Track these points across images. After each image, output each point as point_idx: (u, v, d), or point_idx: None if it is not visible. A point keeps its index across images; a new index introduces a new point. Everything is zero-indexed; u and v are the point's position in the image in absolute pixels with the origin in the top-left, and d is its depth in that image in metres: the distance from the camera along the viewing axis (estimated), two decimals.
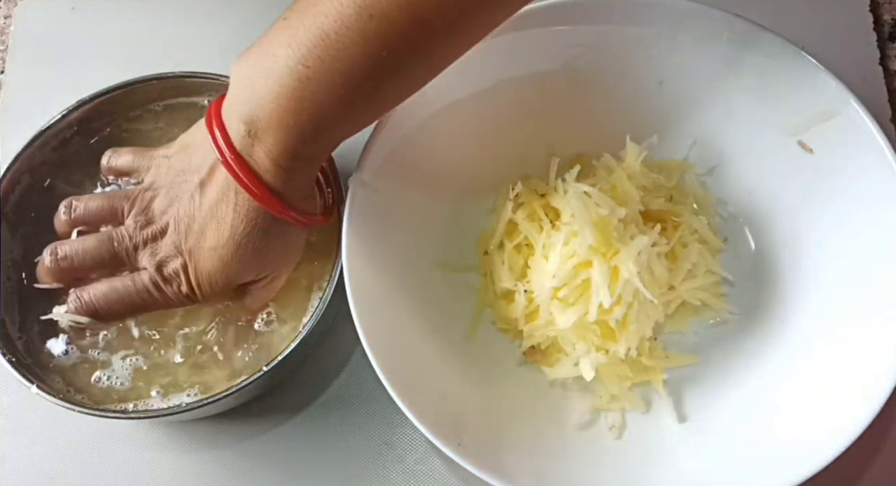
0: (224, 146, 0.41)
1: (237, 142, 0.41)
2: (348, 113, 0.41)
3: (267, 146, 0.41)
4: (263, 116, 0.40)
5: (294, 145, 0.41)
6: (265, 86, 0.39)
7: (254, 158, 0.41)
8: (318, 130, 0.40)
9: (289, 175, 0.42)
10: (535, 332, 0.50)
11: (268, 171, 0.41)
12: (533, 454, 0.46)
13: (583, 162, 0.53)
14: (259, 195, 0.42)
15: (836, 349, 0.46)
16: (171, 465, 0.51)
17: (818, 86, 0.49)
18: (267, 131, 0.40)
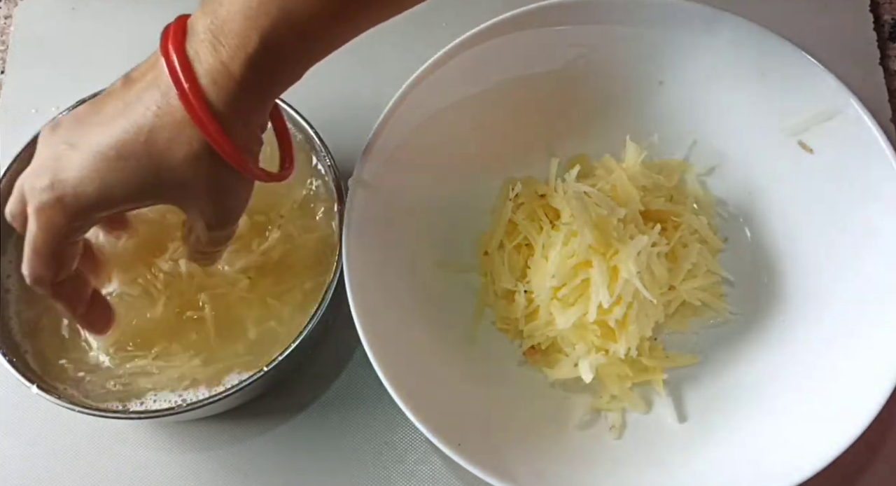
0: (171, 43, 0.35)
1: (190, 40, 0.35)
2: (321, 14, 0.35)
3: (220, 39, 0.35)
4: (227, 4, 0.35)
5: (253, 41, 0.34)
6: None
7: (200, 58, 0.35)
8: (287, 27, 0.34)
9: (237, 92, 0.35)
10: (535, 332, 0.50)
11: (210, 73, 0.35)
12: (533, 454, 0.46)
13: (583, 162, 0.53)
14: (189, 95, 0.35)
15: (836, 349, 0.46)
16: (171, 465, 0.51)
17: (818, 86, 0.49)
18: (226, 20, 0.34)
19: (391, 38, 0.60)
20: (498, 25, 0.49)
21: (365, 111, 0.51)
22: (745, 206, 0.54)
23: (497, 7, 0.50)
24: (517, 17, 0.50)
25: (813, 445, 0.43)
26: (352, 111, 0.50)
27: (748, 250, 0.53)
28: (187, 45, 0.35)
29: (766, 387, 0.48)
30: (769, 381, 0.48)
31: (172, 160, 0.36)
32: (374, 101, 0.58)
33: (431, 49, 0.49)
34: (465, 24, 0.49)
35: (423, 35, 0.58)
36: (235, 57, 0.35)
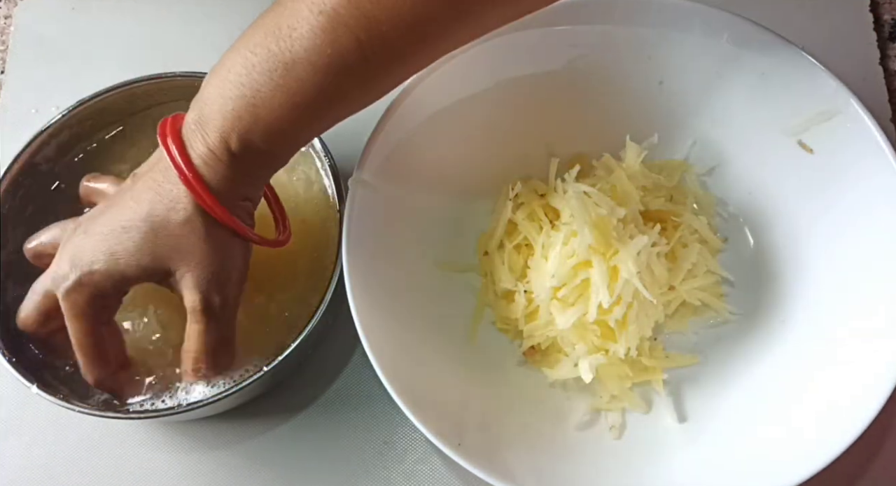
0: (168, 132, 0.40)
1: (185, 129, 0.41)
2: (290, 113, 0.39)
3: (206, 132, 0.40)
4: (209, 103, 0.39)
5: (229, 133, 0.39)
6: (215, 74, 0.39)
7: (192, 146, 0.40)
8: (257, 125, 0.39)
9: (226, 171, 0.40)
10: (535, 332, 0.50)
11: (201, 156, 0.40)
12: (533, 454, 0.46)
13: (583, 162, 0.53)
14: (183, 167, 0.40)
15: (836, 349, 0.46)
16: (171, 465, 0.51)
17: (818, 86, 0.49)
18: (210, 118, 0.39)
19: None
20: None
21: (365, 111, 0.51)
22: (745, 206, 0.54)
23: None
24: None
25: (813, 445, 0.43)
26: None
27: (748, 250, 0.53)
28: (183, 131, 0.41)
29: (765, 387, 0.48)
30: (769, 381, 0.48)
31: (170, 225, 0.41)
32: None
33: None
34: None
35: None
36: (220, 146, 0.40)
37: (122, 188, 0.44)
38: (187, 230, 0.41)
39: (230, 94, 0.38)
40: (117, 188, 0.45)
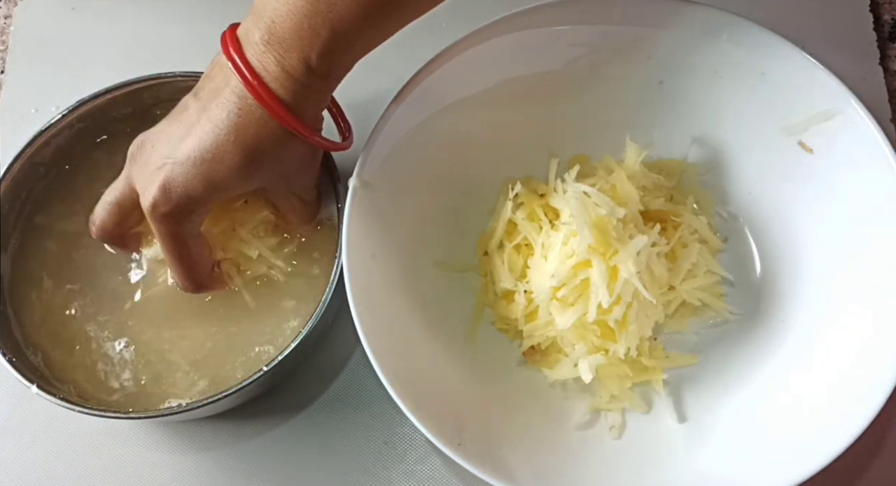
0: (235, 54, 0.41)
1: (250, 50, 0.41)
2: (365, 23, 0.40)
3: (281, 53, 0.40)
4: (279, 22, 0.39)
5: (309, 54, 0.40)
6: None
7: (266, 69, 0.40)
8: (335, 40, 0.40)
9: (301, 90, 0.41)
10: (535, 332, 0.50)
11: (277, 79, 0.41)
12: (533, 454, 0.46)
13: (583, 162, 0.53)
14: (266, 98, 0.40)
15: (836, 349, 0.46)
16: (171, 465, 0.51)
17: (818, 86, 0.49)
18: (283, 38, 0.39)
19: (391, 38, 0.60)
20: (498, 25, 0.49)
21: (365, 111, 0.51)
22: (745, 206, 0.54)
23: (497, 7, 0.50)
24: (517, 17, 0.50)
25: (813, 445, 0.43)
26: (352, 111, 0.50)
27: (748, 250, 0.53)
28: (247, 54, 0.41)
29: (765, 387, 0.48)
30: (769, 381, 0.48)
31: (263, 147, 0.42)
32: (375, 100, 0.58)
33: (431, 49, 0.49)
34: (465, 24, 0.49)
35: (423, 35, 0.58)
36: (299, 68, 0.40)
37: (185, 106, 0.44)
38: (279, 151, 0.43)
39: (303, 10, 0.38)
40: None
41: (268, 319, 0.50)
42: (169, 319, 0.50)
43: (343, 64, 0.42)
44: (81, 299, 0.50)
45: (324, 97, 0.44)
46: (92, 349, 0.49)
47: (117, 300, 0.50)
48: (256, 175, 0.44)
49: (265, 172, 0.44)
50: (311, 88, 0.41)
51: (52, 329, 0.49)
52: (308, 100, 0.42)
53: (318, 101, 0.43)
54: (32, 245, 0.51)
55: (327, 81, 0.42)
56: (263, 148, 0.42)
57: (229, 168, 0.42)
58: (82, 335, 0.49)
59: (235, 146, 0.42)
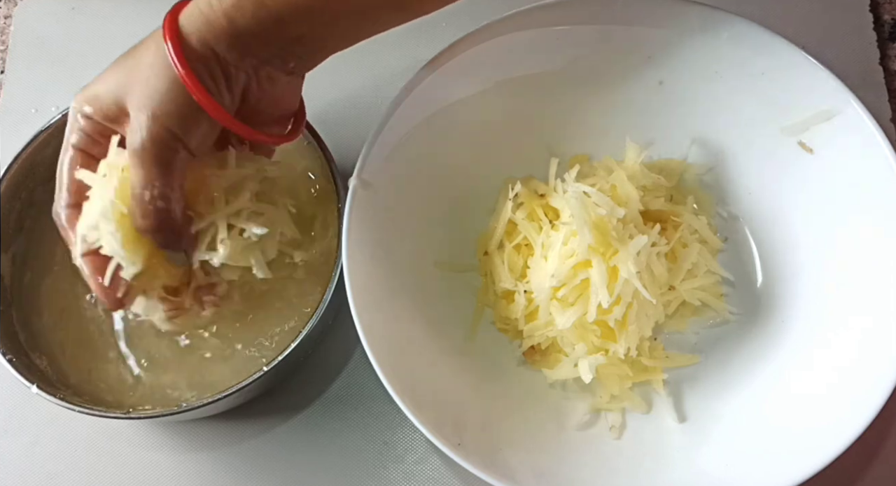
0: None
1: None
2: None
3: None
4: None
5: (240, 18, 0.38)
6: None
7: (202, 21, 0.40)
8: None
9: (212, 15, 0.39)
10: (535, 332, 0.50)
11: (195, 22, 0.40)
12: (533, 454, 0.46)
13: (583, 162, 0.53)
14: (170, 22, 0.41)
15: (836, 349, 0.46)
16: (171, 465, 0.51)
17: (818, 86, 0.49)
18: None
19: (391, 38, 0.59)
20: (498, 25, 0.49)
21: (365, 111, 0.51)
22: (745, 206, 0.54)
23: (497, 7, 0.50)
24: (517, 17, 0.50)
25: (813, 445, 0.43)
26: (352, 111, 0.50)
27: (748, 250, 0.53)
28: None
29: (765, 387, 0.48)
30: (769, 381, 0.48)
31: (138, 56, 0.42)
32: (374, 101, 0.58)
33: (431, 49, 0.49)
34: (464, 24, 0.49)
35: (422, 35, 0.58)
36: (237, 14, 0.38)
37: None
38: (148, 67, 0.41)
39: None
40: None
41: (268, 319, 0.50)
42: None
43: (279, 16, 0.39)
44: (82, 299, 0.50)
45: (248, 52, 0.40)
46: (92, 349, 0.49)
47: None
48: (125, 83, 0.43)
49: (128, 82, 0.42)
50: (226, 25, 0.39)
51: (52, 329, 0.49)
52: (217, 37, 0.39)
53: (237, 50, 0.40)
54: (32, 245, 0.51)
55: (255, 30, 0.39)
56: (139, 56, 0.42)
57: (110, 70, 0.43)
58: (82, 335, 0.49)
59: (132, 54, 0.43)
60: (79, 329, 0.50)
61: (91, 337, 0.49)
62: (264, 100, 0.42)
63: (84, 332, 0.50)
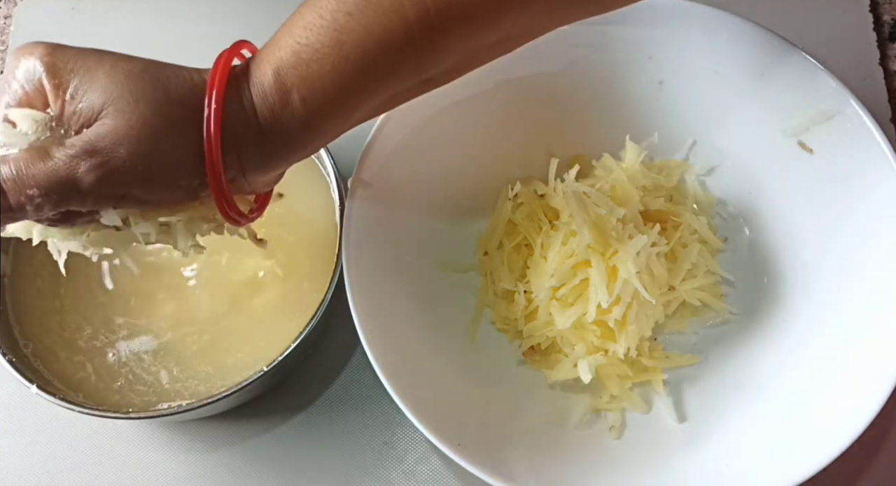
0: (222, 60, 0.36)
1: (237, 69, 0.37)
2: (337, 73, 0.36)
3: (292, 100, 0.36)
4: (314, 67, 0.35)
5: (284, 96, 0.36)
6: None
7: (242, 86, 0.36)
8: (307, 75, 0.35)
9: (251, 118, 0.36)
10: (535, 332, 0.50)
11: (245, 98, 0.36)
12: (533, 454, 0.46)
13: (582, 162, 0.53)
14: (214, 81, 0.35)
15: (836, 349, 0.46)
16: (171, 465, 0.51)
17: (818, 86, 0.49)
18: (314, 84, 0.36)
19: None
20: None
21: None
22: (745, 206, 0.54)
23: None
24: None
25: (813, 445, 0.43)
26: None
27: (748, 250, 0.53)
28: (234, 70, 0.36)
29: (765, 387, 0.48)
30: (769, 381, 0.48)
31: (161, 84, 0.36)
32: None
33: None
34: None
35: None
36: (273, 91, 0.36)
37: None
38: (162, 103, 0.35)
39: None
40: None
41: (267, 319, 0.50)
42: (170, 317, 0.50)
43: (307, 118, 0.37)
44: (82, 299, 0.50)
45: (266, 158, 0.38)
46: (92, 349, 0.49)
47: (118, 300, 0.50)
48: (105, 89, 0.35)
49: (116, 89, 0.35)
50: (264, 131, 0.36)
51: (52, 329, 0.49)
52: (249, 142, 0.36)
53: (259, 157, 0.37)
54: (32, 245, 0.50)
55: (284, 133, 0.37)
56: (166, 87, 0.36)
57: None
58: (83, 335, 0.49)
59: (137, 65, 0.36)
60: (78, 329, 0.50)
61: (90, 336, 0.49)
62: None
63: (83, 331, 0.50)
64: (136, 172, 0.35)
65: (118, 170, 0.34)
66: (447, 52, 0.37)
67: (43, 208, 0.35)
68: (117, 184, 0.35)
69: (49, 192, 0.34)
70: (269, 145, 0.37)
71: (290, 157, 0.38)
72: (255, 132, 0.36)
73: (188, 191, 0.37)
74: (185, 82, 0.36)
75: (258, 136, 0.37)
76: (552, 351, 0.50)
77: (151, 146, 0.35)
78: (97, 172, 0.34)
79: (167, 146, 0.35)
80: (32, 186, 0.34)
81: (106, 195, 0.35)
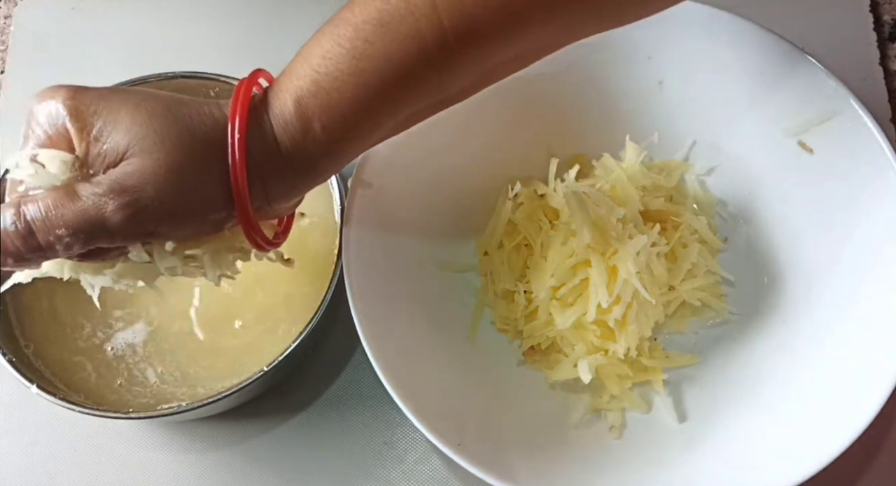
0: (241, 94, 0.36)
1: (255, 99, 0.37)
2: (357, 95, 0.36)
3: (317, 127, 0.36)
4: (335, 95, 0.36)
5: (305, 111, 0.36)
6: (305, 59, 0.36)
7: (261, 111, 0.36)
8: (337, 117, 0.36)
9: (272, 147, 0.37)
10: (535, 332, 0.50)
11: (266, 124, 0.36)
12: (533, 454, 0.46)
13: (582, 162, 0.53)
14: (235, 116, 0.35)
15: (836, 349, 0.46)
16: (171, 465, 0.51)
17: (818, 86, 0.49)
18: (333, 110, 0.36)
19: None
20: None
21: None
22: (745, 206, 0.54)
23: None
24: None
25: (813, 445, 0.43)
26: None
27: (748, 250, 0.53)
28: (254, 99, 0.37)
29: (765, 387, 0.48)
30: (769, 381, 0.48)
31: (186, 121, 0.36)
32: None
33: None
34: None
35: None
36: (293, 120, 0.36)
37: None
38: (197, 143, 0.36)
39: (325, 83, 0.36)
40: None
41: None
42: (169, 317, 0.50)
43: (330, 140, 0.37)
44: (82, 299, 0.50)
45: (289, 184, 0.38)
46: (91, 347, 0.49)
47: (117, 300, 0.50)
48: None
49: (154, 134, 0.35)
50: (285, 157, 0.37)
51: (52, 328, 0.49)
52: (271, 169, 0.37)
53: (282, 183, 0.38)
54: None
55: (305, 159, 0.37)
56: (191, 123, 0.36)
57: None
58: (82, 334, 0.49)
59: (162, 103, 0.36)
60: (77, 327, 0.50)
61: (89, 334, 0.49)
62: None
63: (82, 330, 0.50)
64: (163, 209, 0.35)
65: (146, 208, 0.35)
66: (465, 71, 0.38)
67: (72, 247, 0.35)
68: (145, 222, 0.35)
69: (78, 231, 0.35)
70: (292, 173, 0.38)
71: (312, 182, 0.39)
72: (278, 161, 0.37)
73: (215, 224, 0.38)
74: (207, 119, 0.36)
75: (281, 164, 0.37)
76: (552, 351, 0.50)
77: (178, 184, 0.35)
78: (125, 210, 0.35)
79: (194, 183, 0.36)
80: (61, 226, 0.34)
81: (134, 233, 0.36)
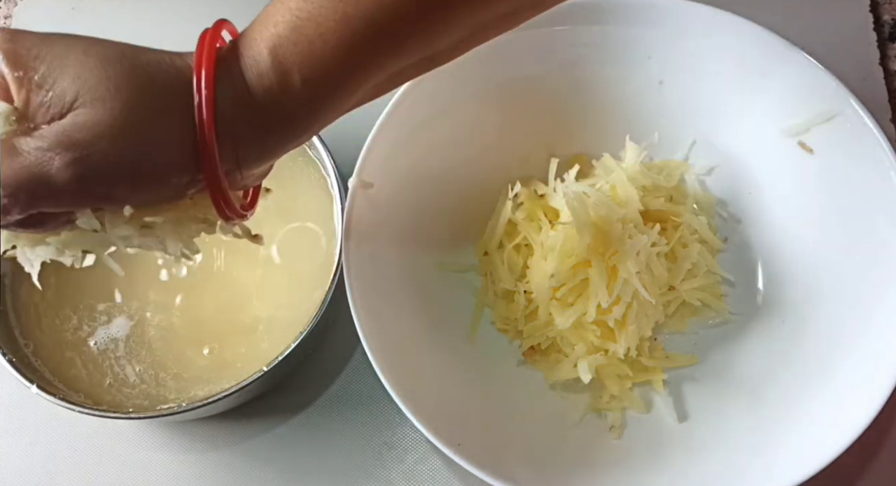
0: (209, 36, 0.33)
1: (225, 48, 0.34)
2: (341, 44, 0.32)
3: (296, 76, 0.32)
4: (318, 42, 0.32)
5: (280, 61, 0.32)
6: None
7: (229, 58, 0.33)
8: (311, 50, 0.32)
9: (245, 97, 0.32)
10: (535, 332, 0.50)
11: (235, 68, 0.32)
12: (533, 454, 0.46)
13: (582, 162, 0.53)
14: (201, 63, 0.32)
15: (836, 350, 0.46)
16: (171, 465, 0.51)
17: (818, 86, 0.49)
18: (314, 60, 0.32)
19: None
20: None
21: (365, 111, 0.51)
22: (745, 206, 0.54)
23: None
24: None
25: (813, 445, 0.43)
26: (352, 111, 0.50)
27: (748, 250, 0.53)
28: (223, 49, 0.33)
29: (765, 387, 0.48)
30: (769, 381, 0.48)
31: (142, 68, 0.32)
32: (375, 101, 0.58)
33: None
34: None
35: None
36: (268, 68, 0.32)
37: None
38: (159, 98, 0.31)
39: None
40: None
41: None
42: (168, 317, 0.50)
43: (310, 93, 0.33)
44: (81, 299, 0.50)
45: (258, 144, 0.34)
46: (92, 348, 0.49)
47: (117, 300, 0.50)
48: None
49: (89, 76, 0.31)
50: (258, 110, 0.33)
51: (52, 329, 0.49)
52: (240, 122, 0.32)
53: (252, 141, 0.33)
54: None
55: (280, 114, 0.33)
56: (149, 71, 0.31)
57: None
58: (82, 334, 0.49)
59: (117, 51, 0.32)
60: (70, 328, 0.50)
61: (89, 337, 0.50)
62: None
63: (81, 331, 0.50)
64: (120, 168, 0.30)
65: (98, 166, 0.30)
66: (456, 23, 0.34)
67: (11, 212, 0.30)
68: (97, 182, 0.30)
69: (17, 192, 0.30)
70: (266, 133, 0.33)
71: (288, 144, 0.35)
72: (251, 119, 0.32)
73: (177, 189, 0.33)
74: (169, 67, 0.32)
75: (255, 123, 0.33)
76: (552, 351, 0.50)
77: (137, 139, 0.30)
78: (75, 168, 0.30)
79: (155, 137, 0.31)
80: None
81: (84, 195, 0.31)
